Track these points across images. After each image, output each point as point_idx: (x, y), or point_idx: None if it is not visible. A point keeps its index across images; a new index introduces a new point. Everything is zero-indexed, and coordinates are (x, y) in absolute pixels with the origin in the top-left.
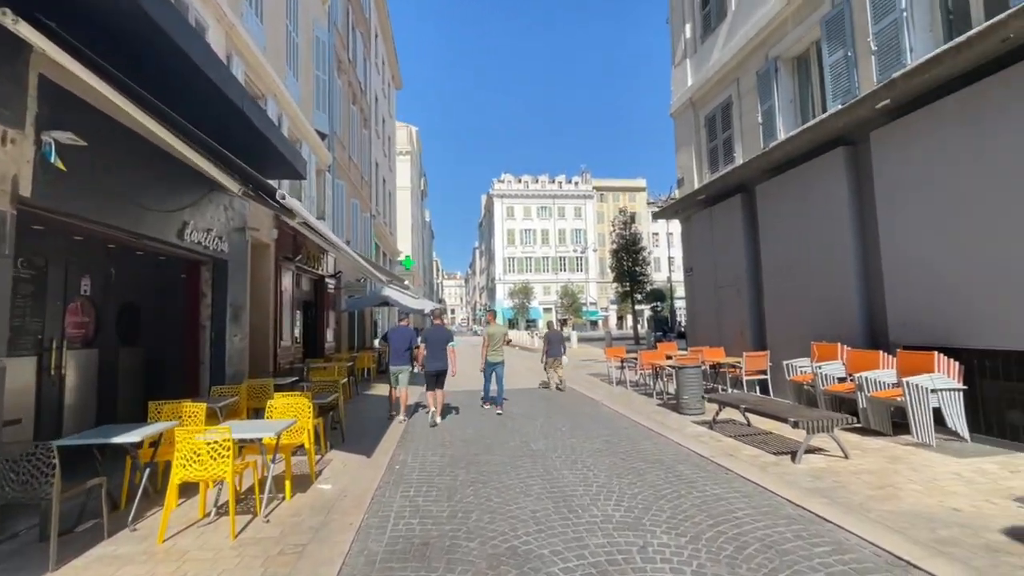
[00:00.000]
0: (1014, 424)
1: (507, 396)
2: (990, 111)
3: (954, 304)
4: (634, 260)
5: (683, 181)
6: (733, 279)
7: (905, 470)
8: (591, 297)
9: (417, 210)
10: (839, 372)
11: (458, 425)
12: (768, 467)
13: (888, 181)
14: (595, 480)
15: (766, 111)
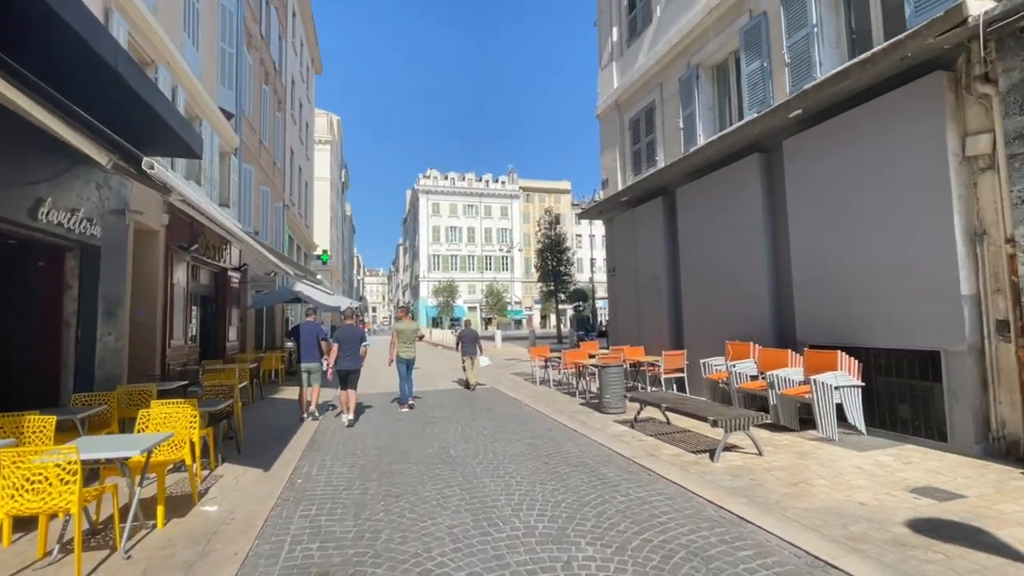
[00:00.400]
0: (903, 418)
1: (420, 395)
2: (889, 124)
3: (854, 306)
4: (558, 260)
5: (607, 182)
6: (653, 279)
7: (814, 465)
8: (516, 296)
9: (337, 203)
10: (751, 370)
11: (373, 431)
12: (689, 466)
13: (798, 187)
14: (517, 488)
15: (687, 116)
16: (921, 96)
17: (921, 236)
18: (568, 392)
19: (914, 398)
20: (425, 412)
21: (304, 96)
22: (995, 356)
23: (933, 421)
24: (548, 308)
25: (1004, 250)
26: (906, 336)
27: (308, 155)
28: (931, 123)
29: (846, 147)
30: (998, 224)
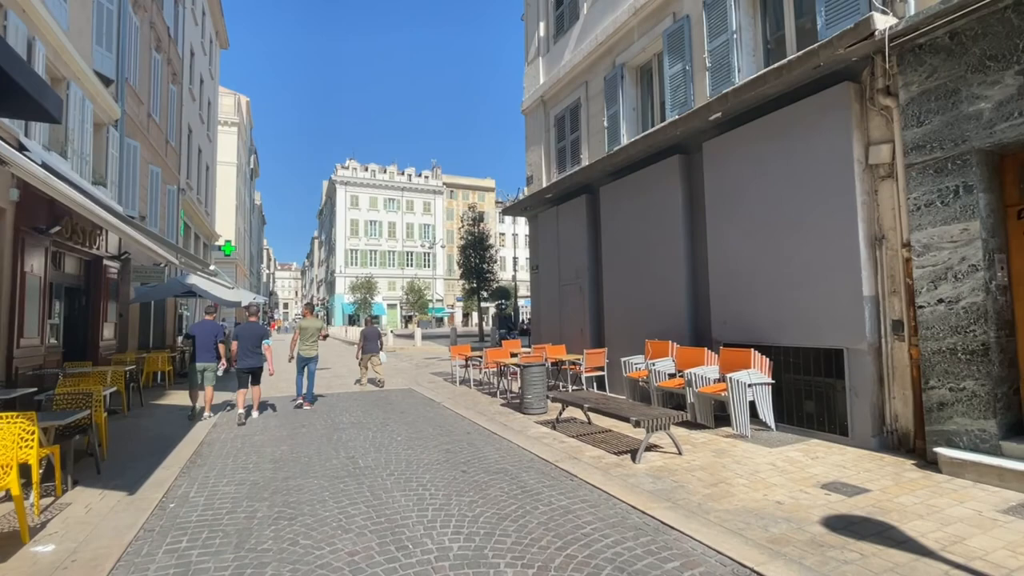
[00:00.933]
0: (808, 413)
1: (327, 396)
2: (801, 130)
3: (766, 305)
4: (482, 257)
5: (532, 179)
6: (576, 277)
7: (731, 464)
8: (438, 294)
9: (245, 190)
10: (670, 368)
11: (272, 440)
12: (611, 469)
13: (716, 189)
14: (431, 501)
15: (612, 115)
16: (830, 105)
17: (828, 239)
18: (489, 392)
19: (819, 394)
20: (333, 417)
21: (206, 71)
22: (890, 354)
23: (836, 416)
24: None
25: (901, 254)
26: (813, 335)
27: (210, 136)
28: (839, 131)
29: (761, 151)
30: (896, 229)
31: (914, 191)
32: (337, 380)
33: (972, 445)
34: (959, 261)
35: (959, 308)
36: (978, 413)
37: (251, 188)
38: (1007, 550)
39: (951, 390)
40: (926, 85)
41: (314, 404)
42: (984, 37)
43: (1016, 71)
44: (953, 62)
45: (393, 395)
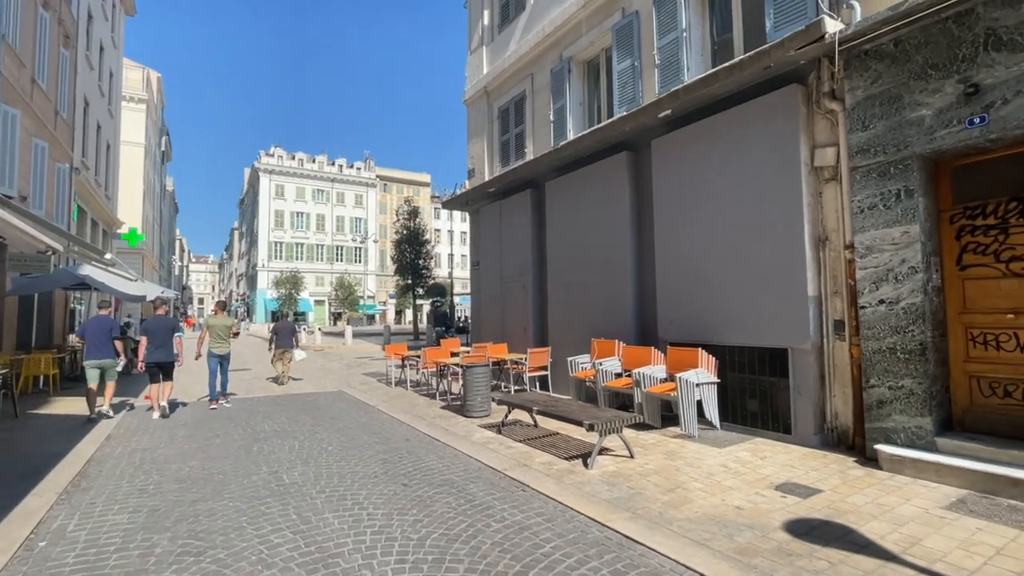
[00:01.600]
0: (752, 412)
1: (240, 399)
2: (750, 131)
3: (713, 305)
4: (417, 253)
5: (474, 172)
6: (519, 274)
7: (684, 466)
8: (370, 291)
9: (155, 174)
10: (616, 368)
11: (179, 454)
12: (564, 477)
13: (664, 188)
14: (370, 523)
15: (558, 109)
16: (779, 107)
17: (775, 240)
18: (427, 394)
19: (763, 393)
20: (253, 425)
21: (108, 38)
22: (832, 353)
23: (779, 415)
24: (404, 303)
25: (843, 255)
26: (759, 334)
27: (113, 111)
28: (787, 133)
29: (710, 150)
30: (839, 231)
31: (858, 194)
32: (258, 383)
33: (909, 441)
34: (900, 263)
35: (899, 309)
36: (915, 411)
37: (162, 172)
38: (962, 550)
39: (890, 388)
40: (871, 90)
41: (229, 401)
42: (926, 46)
43: (956, 80)
44: (897, 69)
45: (322, 399)
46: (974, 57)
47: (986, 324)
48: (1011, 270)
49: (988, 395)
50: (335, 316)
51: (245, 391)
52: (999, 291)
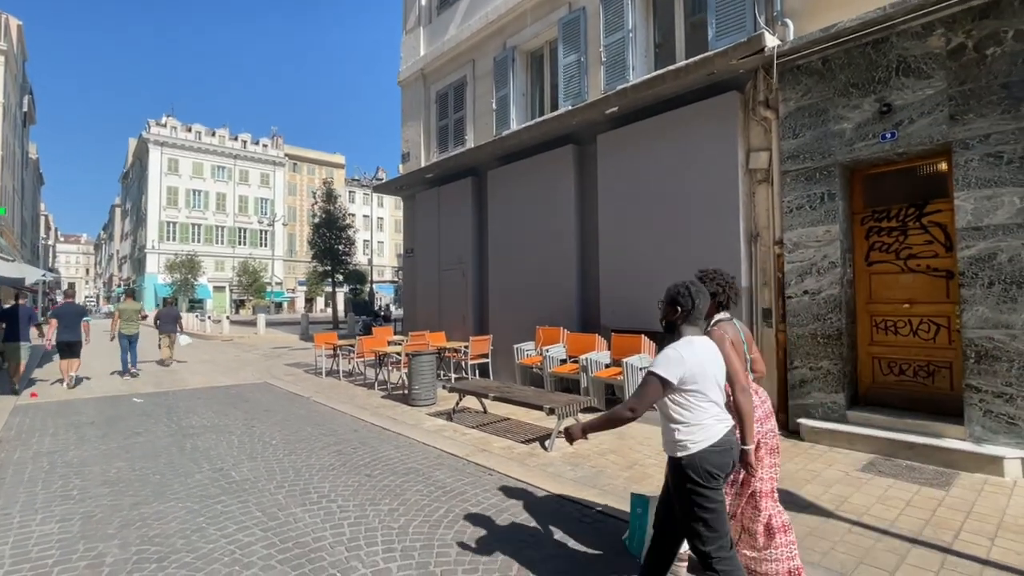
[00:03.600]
0: None
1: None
2: (692, 132)
3: (652, 294)
4: (338, 237)
5: (408, 156)
6: (458, 262)
7: (635, 445)
8: (277, 277)
9: (15, 138)
10: (561, 354)
11: (99, 455)
12: (526, 459)
13: (608, 181)
14: (343, 515)
15: (501, 98)
16: (719, 111)
17: (712, 235)
18: (363, 384)
19: None
20: (177, 420)
21: None
22: (760, 338)
23: None
24: (316, 290)
25: (773, 250)
26: None
27: None
28: (726, 136)
29: (653, 147)
30: (769, 228)
31: (788, 195)
32: (169, 376)
33: (825, 415)
34: (822, 258)
35: (820, 299)
36: (831, 388)
37: (24, 137)
38: (880, 504)
39: (811, 369)
40: (801, 102)
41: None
42: (849, 66)
43: (873, 99)
44: (824, 85)
45: (248, 391)
46: (888, 80)
47: (887, 312)
48: (908, 266)
49: (887, 373)
50: (238, 304)
51: (154, 385)
52: (898, 284)
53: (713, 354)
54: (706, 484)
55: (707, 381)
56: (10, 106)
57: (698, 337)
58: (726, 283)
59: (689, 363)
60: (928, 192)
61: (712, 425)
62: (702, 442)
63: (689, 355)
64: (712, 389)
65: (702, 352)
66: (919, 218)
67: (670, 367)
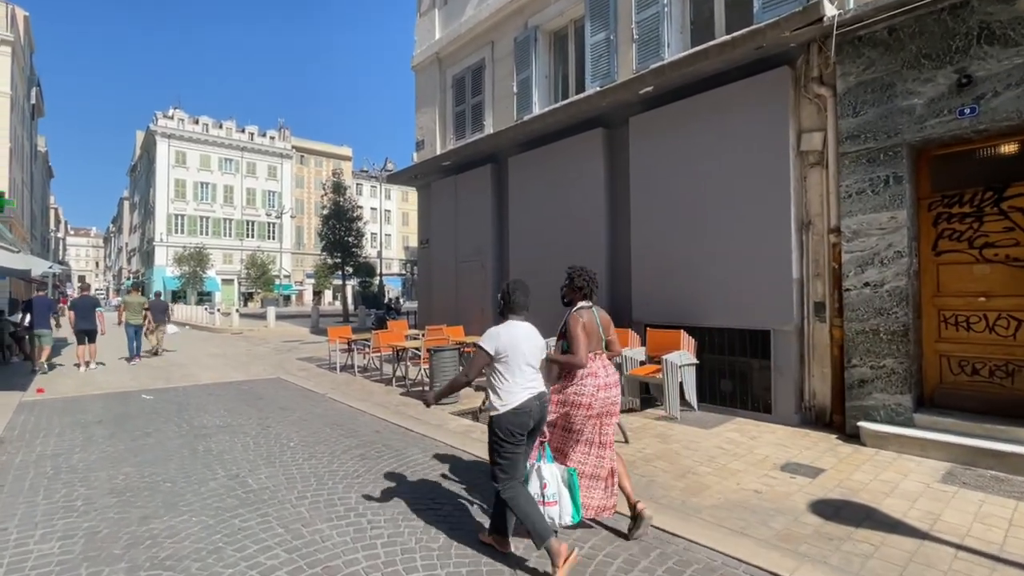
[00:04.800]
0: (723, 391)
1: (179, 391)
2: (738, 111)
3: (692, 286)
4: (348, 229)
5: (423, 144)
6: (477, 253)
7: (682, 450)
8: (285, 269)
9: (23, 131)
10: None
11: (106, 459)
12: None
13: (642, 166)
14: (376, 533)
15: (522, 81)
16: (769, 89)
17: (759, 223)
18: (380, 380)
19: (741, 374)
20: (189, 419)
21: None
22: (811, 334)
23: (759, 394)
24: (324, 283)
25: (827, 239)
26: (740, 316)
27: None
28: (776, 116)
29: (693, 129)
30: (822, 215)
31: (846, 179)
32: (179, 370)
33: (888, 418)
34: (886, 247)
35: (883, 291)
36: (895, 389)
37: (33, 129)
38: (980, 523)
39: (872, 368)
40: (863, 77)
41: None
42: (921, 36)
43: (950, 70)
44: (890, 57)
45: (261, 387)
46: (967, 49)
47: (958, 307)
48: (983, 256)
49: (957, 373)
50: (246, 296)
51: (164, 381)
52: (971, 276)
53: (529, 336)
54: (505, 439)
55: (517, 356)
56: (18, 98)
57: (518, 321)
58: (588, 278)
59: (503, 340)
60: (1010, 174)
61: (517, 392)
62: (507, 405)
63: (505, 334)
64: (520, 363)
65: (517, 333)
66: (997, 203)
67: (490, 341)
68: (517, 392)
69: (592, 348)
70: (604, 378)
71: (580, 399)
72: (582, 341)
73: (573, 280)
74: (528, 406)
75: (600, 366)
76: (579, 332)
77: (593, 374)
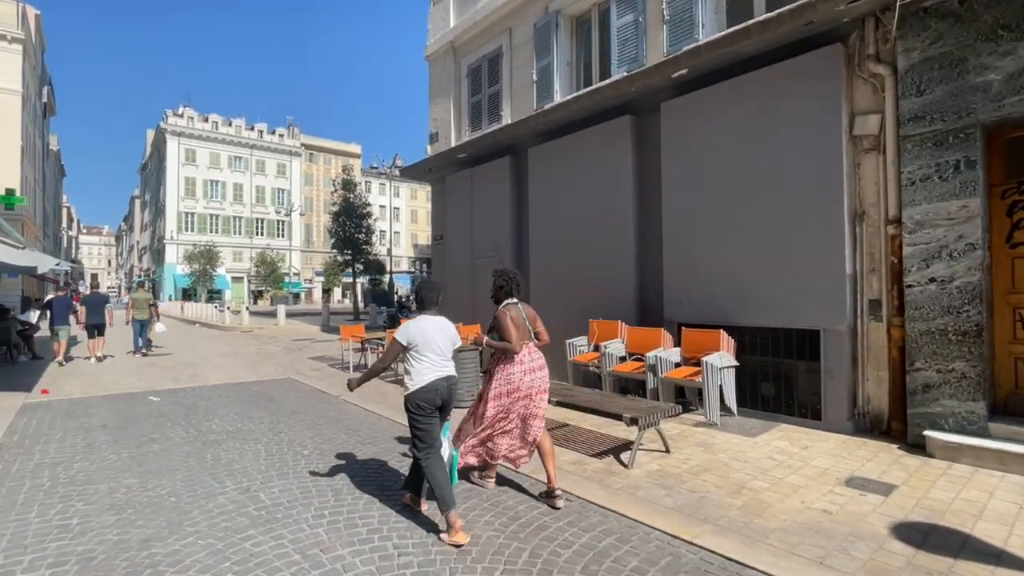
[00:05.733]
0: (765, 396)
1: (183, 391)
2: (781, 95)
3: (731, 283)
4: (358, 226)
5: (437, 136)
6: (495, 248)
7: (730, 461)
8: (294, 267)
9: (35, 129)
10: (620, 351)
11: (107, 469)
12: (605, 479)
13: (675, 155)
14: (406, 561)
15: (543, 68)
16: (818, 69)
17: (808, 214)
18: (394, 380)
19: (785, 377)
20: (197, 423)
21: None
22: (866, 334)
23: (806, 399)
24: (333, 281)
25: (884, 231)
26: (786, 315)
27: None
28: (826, 98)
29: (732, 114)
30: (878, 205)
31: (908, 165)
32: (188, 370)
33: (959, 427)
34: (956, 239)
35: (953, 287)
36: (967, 395)
37: (44, 128)
38: None
39: (939, 372)
40: (929, 52)
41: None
42: (997, 4)
43: None
44: (961, 29)
45: (272, 388)
46: None
47: None
48: None
49: None
50: (256, 294)
51: (172, 381)
52: None
53: (439, 328)
54: (417, 412)
55: (427, 345)
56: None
57: (428, 316)
58: (509, 279)
59: (413, 332)
60: None
61: (425, 375)
62: (416, 384)
63: (414, 327)
64: (430, 351)
65: (425, 326)
66: None
67: (402, 334)
68: (425, 374)
69: (521, 338)
70: (530, 363)
71: (511, 381)
72: (512, 331)
73: (496, 282)
74: (435, 385)
75: (526, 354)
76: (508, 323)
77: (520, 361)
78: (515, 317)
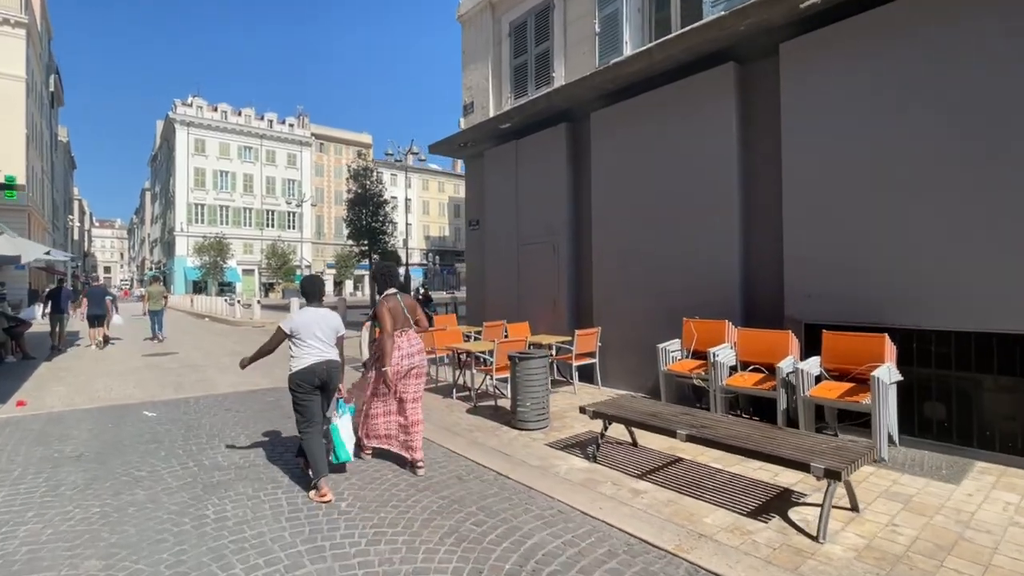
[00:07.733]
0: (935, 419)
1: (191, 401)
2: (959, 18)
3: (884, 271)
4: (375, 215)
5: (472, 107)
6: (547, 233)
7: (955, 526)
8: (306, 259)
9: (42, 118)
10: (731, 359)
11: (62, 537)
12: (789, 560)
13: (800, 110)
14: None
15: (607, 18)
16: None
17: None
18: (436, 389)
19: (963, 395)
20: (195, 453)
21: None
22: None
23: (1003, 426)
24: (345, 273)
25: None
26: (980, 313)
27: None
28: None
29: (889, 48)
30: None
31: None
32: (193, 373)
33: None
34: None
35: None
36: None
37: (52, 118)
38: None
39: None
40: None
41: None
42: None
43: None
44: None
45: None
46: None
47: None
48: None
49: None
50: (267, 287)
51: (175, 387)
52: None
53: (321, 317)
54: (296, 390)
55: (307, 332)
56: (34, 84)
57: (311, 308)
58: (384, 274)
59: (296, 321)
60: None
61: (305, 358)
62: (297, 367)
63: (297, 316)
64: (310, 337)
65: (307, 316)
66: None
67: (286, 323)
68: (305, 358)
69: (399, 326)
70: (407, 349)
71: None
72: (387, 320)
73: (375, 278)
74: (314, 368)
75: (404, 340)
76: (385, 313)
77: (398, 347)
78: (393, 308)
